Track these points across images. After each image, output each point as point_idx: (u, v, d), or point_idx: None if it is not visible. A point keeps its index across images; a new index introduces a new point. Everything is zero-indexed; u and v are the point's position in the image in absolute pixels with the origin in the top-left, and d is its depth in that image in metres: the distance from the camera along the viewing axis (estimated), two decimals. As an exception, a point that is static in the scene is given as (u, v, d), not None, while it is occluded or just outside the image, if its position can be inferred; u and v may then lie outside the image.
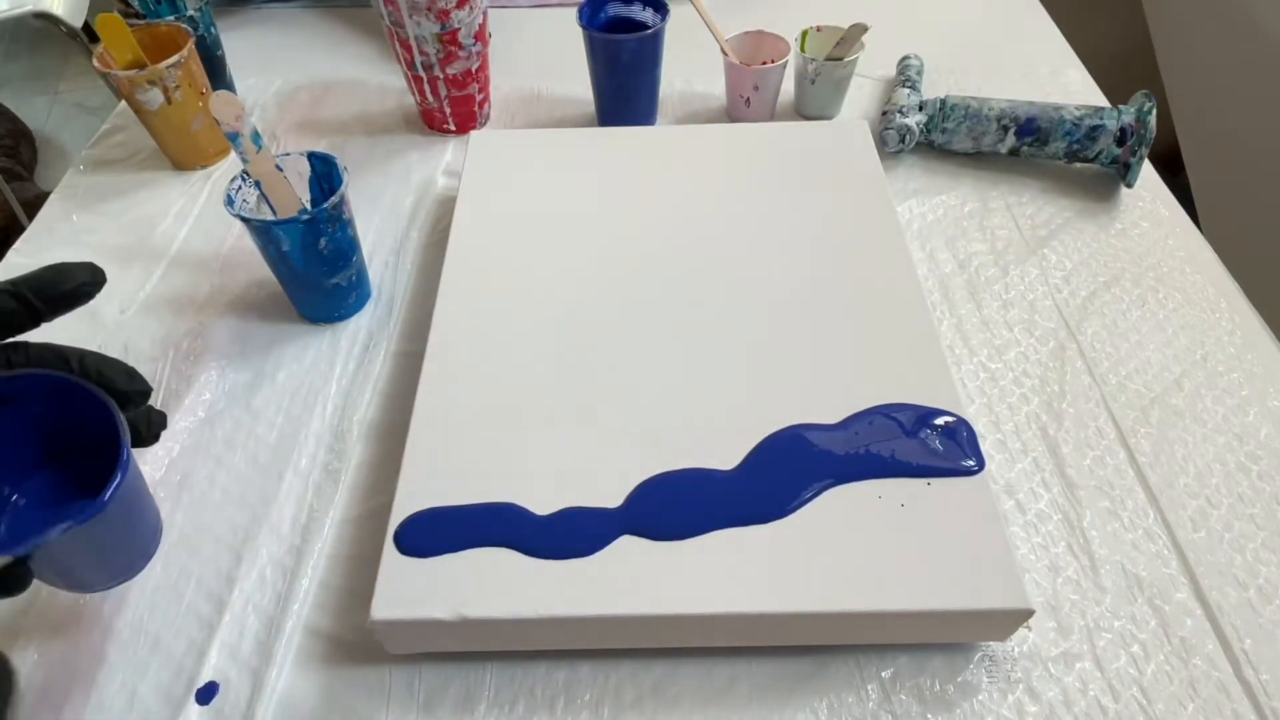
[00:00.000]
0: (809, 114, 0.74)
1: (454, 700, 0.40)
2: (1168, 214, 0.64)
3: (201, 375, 0.54)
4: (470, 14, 0.64)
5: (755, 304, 0.51)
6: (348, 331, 0.57)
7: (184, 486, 0.49)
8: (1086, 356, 0.55)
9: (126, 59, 0.65)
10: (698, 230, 0.56)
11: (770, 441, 0.44)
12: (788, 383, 0.47)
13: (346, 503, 0.48)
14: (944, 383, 0.46)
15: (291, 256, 0.52)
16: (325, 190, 0.55)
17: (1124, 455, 0.50)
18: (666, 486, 0.42)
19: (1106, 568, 0.45)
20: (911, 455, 0.43)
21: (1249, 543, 0.46)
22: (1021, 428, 0.51)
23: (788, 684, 0.41)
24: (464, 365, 0.48)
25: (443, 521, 0.41)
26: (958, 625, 0.40)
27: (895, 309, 0.50)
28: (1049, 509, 0.47)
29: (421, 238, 0.64)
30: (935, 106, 0.67)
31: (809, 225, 0.56)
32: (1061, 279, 0.60)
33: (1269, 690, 0.40)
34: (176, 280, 0.61)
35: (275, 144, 0.73)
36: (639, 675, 0.41)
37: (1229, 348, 0.55)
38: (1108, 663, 0.41)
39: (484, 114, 0.74)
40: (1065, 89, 0.76)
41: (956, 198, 0.66)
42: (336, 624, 0.43)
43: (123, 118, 0.75)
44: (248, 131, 0.49)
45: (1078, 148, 0.65)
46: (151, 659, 0.42)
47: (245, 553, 0.45)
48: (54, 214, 0.66)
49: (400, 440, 0.45)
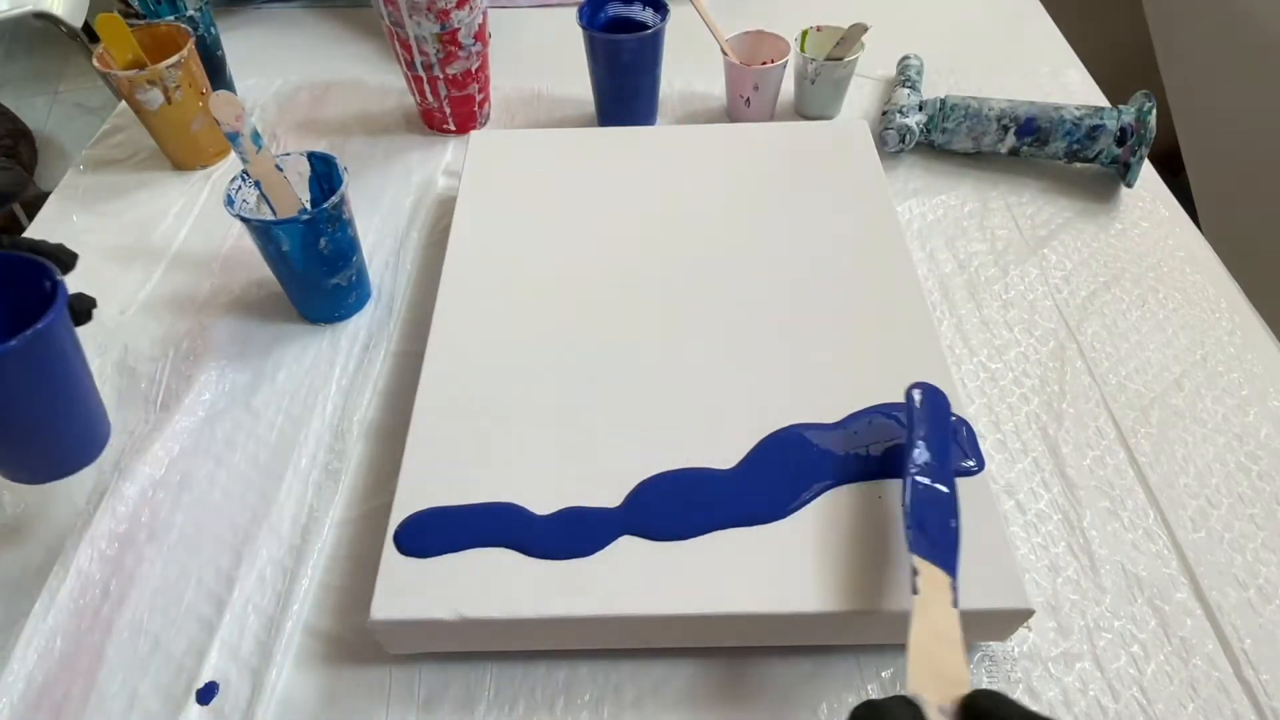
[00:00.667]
0: (809, 114, 0.74)
1: (454, 700, 0.40)
2: (1168, 214, 0.64)
3: (201, 375, 0.54)
4: (470, 14, 0.64)
5: (755, 304, 0.51)
6: (348, 331, 0.57)
7: (184, 486, 0.49)
8: (1086, 356, 0.55)
9: (126, 59, 0.65)
10: (698, 230, 0.56)
11: (770, 441, 0.44)
12: (787, 382, 0.47)
13: (346, 503, 0.48)
14: (944, 383, 0.46)
15: (291, 256, 0.52)
16: (325, 190, 0.55)
17: (1124, 455, 0.50)
18: (666, 486, 0.42)
19: (1106, 568, 0.45)
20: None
21: (1249, 543, 0.46)
22: (1021, 428, 0.51)
23: (788, 684, 0.41)
24: (464, 365, 0.48)
25: (443, 521, 0.41)
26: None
27: (895, 309, 0.50)
28: (1049, 509, 0.47)
29: (421, 238, 0.64)
30: (935, 106, 0.67)
31: (809, 225, 0.56)
32: (1061, 279, 0.60)
33: (1269, 690, 0.40)
34: (176, 280, 0.61)
35: (275, 144, 0.73)
36: (639, 675, 0.41)
37: (1229, 348, 0.55)
38: (1108, 663, 0.41)
39: (484, 114, 0.74)
40: (1065, 89, 0.76)
41: (956, 198, 0.66)
42: (336, 624, 0.43)
43: (123, 118, 0.75)
44: (248, 131, 0.49)
45: (1078, 148, 0.65)
46: (151, 659, 0.42)
47: (245, 553, 0.45)
48: (54, 214, 0.66)
49: (400, 440, 0.45)
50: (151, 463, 0.49)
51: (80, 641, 0.42)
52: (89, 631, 0.43)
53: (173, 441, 0.50)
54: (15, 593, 0.44)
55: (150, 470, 0.49)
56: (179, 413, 0.52)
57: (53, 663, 0.42)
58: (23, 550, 0.46)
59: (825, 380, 0.47)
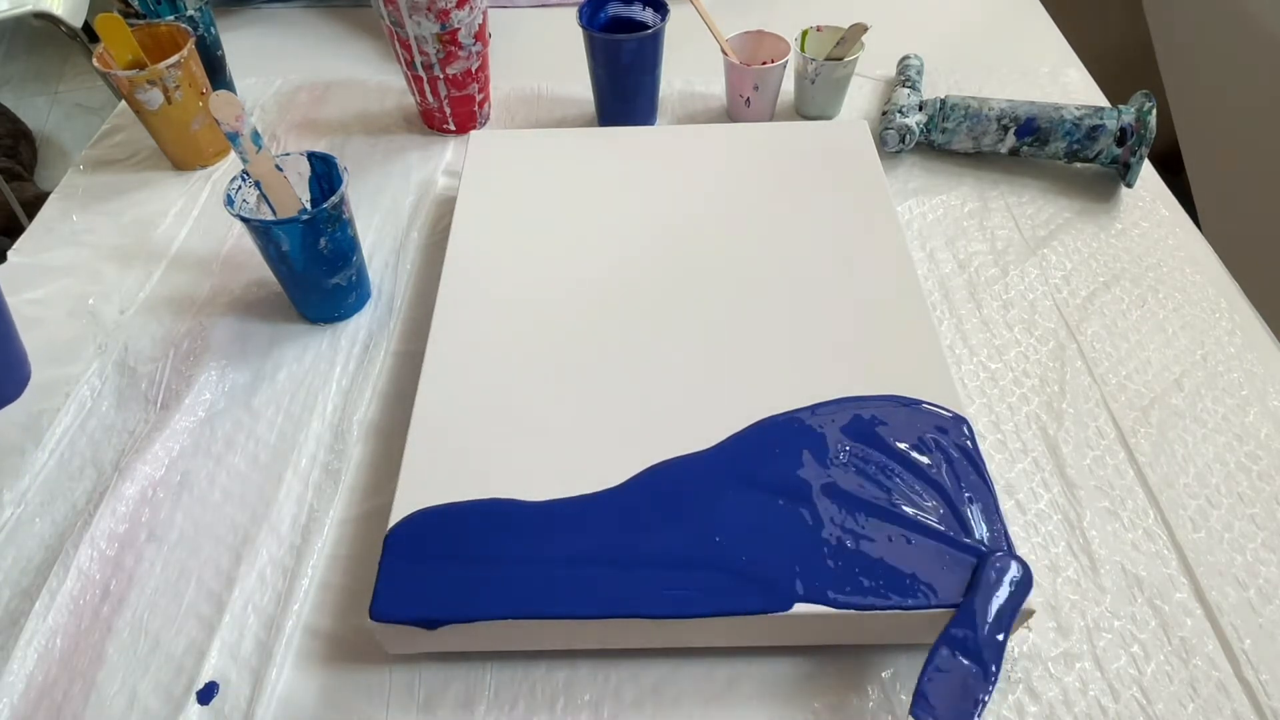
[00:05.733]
0: (809, 114, 0.74)
1: (454, 700, 0.40)
2: (1168, 214, 0.64)
3: (201, 375, 0.54)
4: (470, 14, 0.64)
5: (755, 305, 0.51)
6: (348, 331, 0.57)
7: (184, 486, 0.49)
8: (1086, 356, 0.55)
9: (126, 59, 0.65)
10: (697, 231, 0.56)
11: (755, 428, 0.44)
12: (788, 383, 0.47)
13: (346, 503, 0.48)
14: (944, 383, 0.46)
15: (291, 256, 0.52)
16: (325, 190, 0.55)
17: (1124, 455, 0.50)
18: (665, 483, 0.42)
19: (1106, 568, 0.45)
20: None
21: (1249, 543, 0.46)
22: (1021, 428, 0.51)
23: (788, 684, 0.41)
24: (464, 365, 0.48)
25: (442, 521, 0.41)
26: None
27: (895, 309, 0.50)
28: (1049, 509, 0.47)
29: (421, 238, 0.64)
30: (935, 106, 0.67)
31: (809, 225, 0.56)
32: (1061, 279, 0.60)
33: (1269, 690, 0.40)
34: (176, 280, 0.61)
35: (275, 144, 0.73)
36: (639, 675, 0.41)
37: (1229, 348, 0.55)
38: (1108, 663, 0.41)
39: (484, 114, 0.74)
40: (1065, 89, 0.76)
41: (956, 198, 0.66)
42: (336, 624, 0.43)
43: (123, 118, 0.75)
44: (248, 131, 0.49)
45: (1078, 148, 0.65)
46: (151, 659, 0.42)
47: (245, 553, 0.45)
48: (54, 214, 0.66)
49: (400, 440, 0.45)
50: (151, 463, 0.49)
51: (80, 641, 0.42)
52: (89, 631, 0.43)
53: (173, 441, 0.50)
54: (15, 593, 0.44)
55: (150, 470, 0.49)
56: (179, 413, 0.52)
57: (53, 663, 0.42)
58: (23, 550, 0.46)
59: (825, 380, 0.47)
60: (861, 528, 0.41)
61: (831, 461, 0.43)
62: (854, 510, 0.41)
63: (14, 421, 0.52)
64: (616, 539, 0.40)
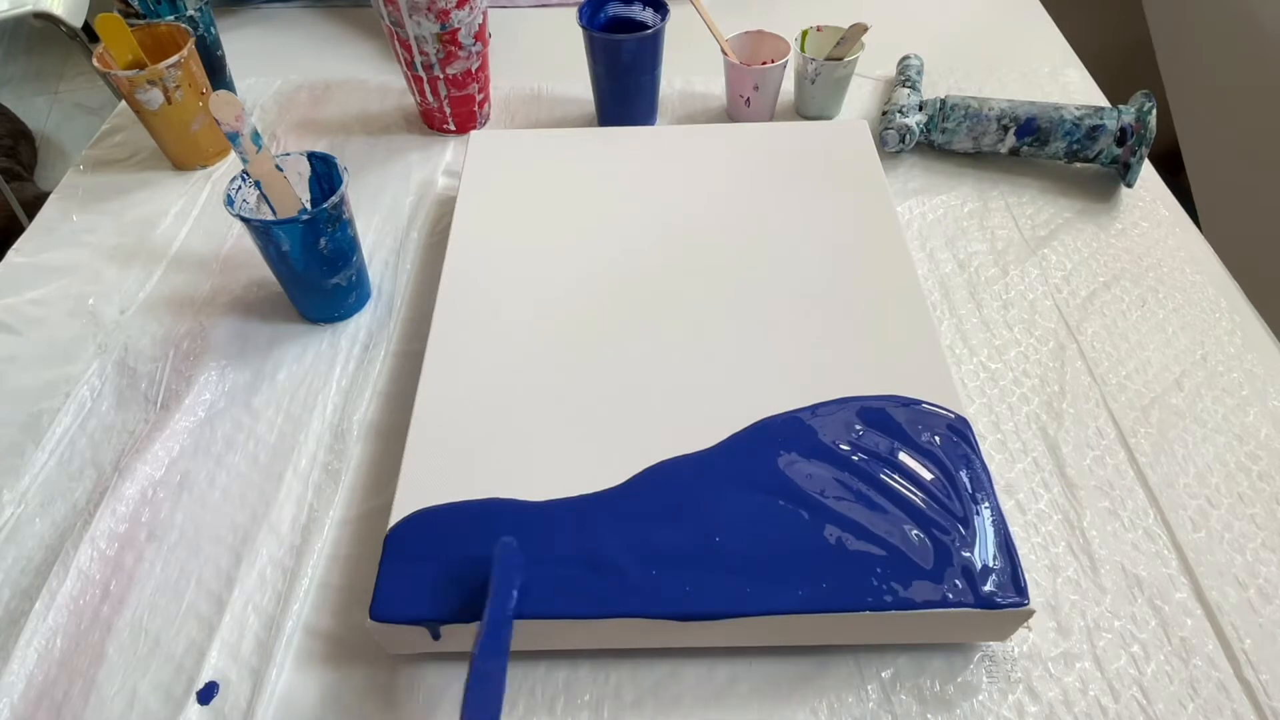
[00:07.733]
0: (809, 114, 0.74)
1: (454, 700, 0.40)
2: (1168, 214, 0.64)
3: (201, 375, 0.54)
4: (470, 14, 0.64)
5: (755, 305, 0.51)
6: (348, 331, 0.57)
7: (184, 486, 0.49)
8: (1086, 356, 0.55)
9: (126, 59, 0.65)
10: (697, 231, 0.56)
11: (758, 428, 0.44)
12: (788, 383, 0.47)
13: (346, 503, 0.48)
14: (944, 383, 0.46)
15: (291, 256, 0.52)
16: (325, 190, 0.55)
17: (1124, 455, 0.50)
18: (666, 483, 0.42)
19: (1106, 568, 0.45)
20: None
21: (1249, 543, 0.46)
22: (1021, 428, 0.51)
23: (788, 684, 0.41)
24: (464, 365, 0.48)
25: (442, 521, 0.41)
26: (958, 625, 0.40)
27: (895, 309, 0.50)
28: (1049, 509, 0.47)
29: (421, 238, 0.64)
30: (935, 106, 0.67)
31: (809, 225, 0.56)
32: (1061, 279, 0.60)
33: (1269, 690, 0.40)
34: (176, 280, 0.61)
35: (275, 144, 0.73)
36: (639, 675, 0.41)
37: (1229, 348, 0.55)
38: (1108, 663, 0.41)
39: (484, 114, 0.74)
40: (1065, 89, 0.76)
41: (956, 198, 0.66)
42: (336, 624, 0.43)
43: (123, 118, 0.75)
44: (248, 131, 0.49)
45: (1078, 148, 0.65)
46: (151, 659, 0.42)
47: (245, 553, 0.45)
48: (54, 214, 0.66)
49: (400, 440, 0.45)
50: (151, 463, 0.49)
51: (80, 641, 0.42)
52: (89, 631, 0.43)
53: (173, 441, 0.50)
54: (15, 593, 0.44)
55: (150, 470, 0.49)
56: (179, 413, 0.52)
57: (53, 662, 0.42)
58: (23, 550, 0.46)
59: (825, 380, 0.47)
60: (861, 528, 0.41)
61: (831, 461, 0.43)
62: (854, 510, 0.41)
63: (14, 421, 0.52)
64: (616, 539, 0.40)
